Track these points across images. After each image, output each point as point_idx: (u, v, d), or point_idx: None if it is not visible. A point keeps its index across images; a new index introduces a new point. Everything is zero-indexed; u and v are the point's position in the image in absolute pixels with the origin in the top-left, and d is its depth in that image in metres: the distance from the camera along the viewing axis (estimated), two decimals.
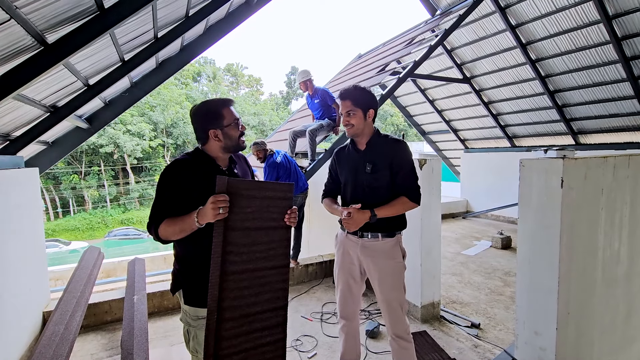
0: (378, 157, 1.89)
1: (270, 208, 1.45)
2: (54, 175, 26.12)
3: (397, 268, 1.92)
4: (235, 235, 1.37)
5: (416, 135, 27.20)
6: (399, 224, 1.94)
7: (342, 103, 1.88)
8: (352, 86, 1.91)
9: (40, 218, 3.25)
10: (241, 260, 1.39)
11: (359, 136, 1.93)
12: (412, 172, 1.89)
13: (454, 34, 7.43)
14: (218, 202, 1.29)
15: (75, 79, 2.93)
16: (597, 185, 2.04)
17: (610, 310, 2.20)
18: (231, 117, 1.48)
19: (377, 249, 1.90)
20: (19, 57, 2.06)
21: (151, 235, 1.42)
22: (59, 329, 2.44)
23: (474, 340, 2.88)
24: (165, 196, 1.41)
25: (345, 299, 2.03)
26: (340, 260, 2.05)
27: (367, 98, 1.88)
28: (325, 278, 4.25)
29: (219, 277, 1.33)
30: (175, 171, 1.43)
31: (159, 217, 1.40)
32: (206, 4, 3.37)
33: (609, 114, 6.73)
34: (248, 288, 1.40)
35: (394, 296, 1.91)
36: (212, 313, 1.32)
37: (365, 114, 1.87)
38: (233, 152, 1.56)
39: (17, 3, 1.65)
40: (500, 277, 4.48)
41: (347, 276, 2.02)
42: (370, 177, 1.88)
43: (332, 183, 2.13)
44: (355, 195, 1.93)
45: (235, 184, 1.36)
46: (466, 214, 9.04)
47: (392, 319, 1.93)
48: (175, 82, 32.13)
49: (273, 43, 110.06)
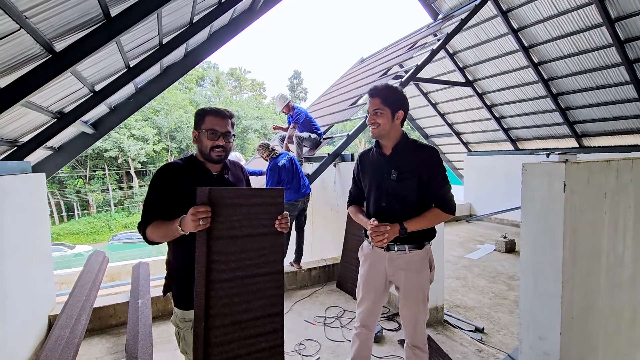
0: (405, 163, 1.76)
1: (259, 215, 1.44)
2: (59, 180, 26.33)
3: (424, 281, 1.84)
4: (222, 244, 1.37)
5: (419, 138, 27.22)
6: (427, 234, 1.84)
7: (371, 100, 1.77)
8: (384, 84, 1.80)
9: (46, 222, 3.29)
10: (229, 268, 1.39)
11: (385, 139, 1.80)
12: (445, 181, 1.77)
13: (456, 38, 7.44)
14: (198, 213, 1.29)
15: (81, 86, 2.98)
16: (601, 189, 2.04)
17: (615, 314, 2.19)
18: (209, 124, 1.48)
19: (405, 261, 1.81)
20: (28, 65, 2.11)
21: (140, 234, 1.46)
22: (65, 332, 2.46)
23: (477, 345, 2.87)
24: (154, 197, 1.45)
25: (369, 310, 1.96)
26: (367, 271, 1.95)
27: (398, 98, 1.77)
28: (329, 282, 4.25)
29: (205, 285, 1.34)
30: (165, 173, 1.47)
31: (147, 218, 1.44)
32: (210, 10, 3.42)
33: (613, 116, 6.71)
34: (238, 295, 1.41)
35: (418, 309, 1.84)
36: (199, 320, 1.33)
37: (393, 114, 1.75)
38: (207, 160, 1.53)
39: (27, 13, 1.69)
40: (504, 281, 4.46)
41: (374, 288, 1.93)
42: (396, 185, 1.76)
43: (356, 189, 2.02)
44: (379, 203, 1.82)
45: (217, 193, 1.35)
46: (469, 217, 9.00)
47: (415, 331, 1.86)
48: (179, 87, 32.37)
49: (276, 47, 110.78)
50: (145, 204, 1.47)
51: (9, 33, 1.72)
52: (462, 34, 7.34)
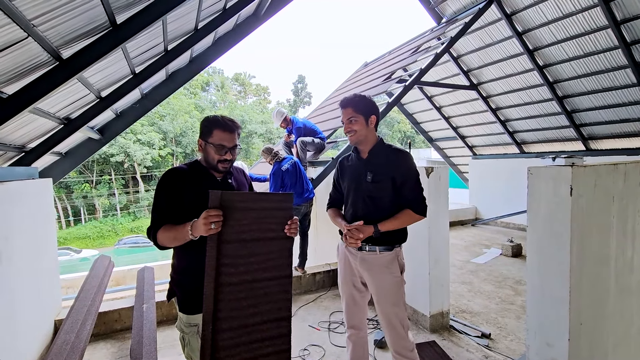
0: (380, 166, 1.86)
1: (267, 219, 1.45)
2: (66, 184, 26.62)
3: (395, 283, 1.87)
4: (231, 248, 1.37)
5: (423, 142, 27.08)
6: (398, 238, 1.90)
7: (343, 111, 1.88)
8: (352, 94, 1.90)
9: (53, 227, 3.32)
10: (237, 272, 1.39)
11: (362, 144, 1.90)
12: (417, 183, 1.86)
13: (460, 41, 7.44)
14: (210, 217, 1.29)
15: (88, 92, 3.01)
16: (608, 193, 2.01)
17: (624, 320, 2.15)
18: (217, 138, 1.49)
19: (375, 263, 1.87)
20: (36, 72, 2.14)
21: (150, 240, 1.47)
22: (70, 337, 2.47)
23: (484, 351, 2.83)
24: (162, 201, 1.46)
25: (350, 309, 2.02)
26: (342, 270, 2.04)
27: (368, 105, 1.87)
28: (333, 287, 4.23)
29: (214, 289, 1.34)
30: (170, 178, 1.48)
31: (157, 222, 1.45)
32: (215, 17, 3.46)
33: (620, 119, 6.63)
34: (246, 299, 1.41)
35: (393, 312, 1.87)
36: (207, 324, 1.33)
37: (367, 120, 1.85)
38: (212, 169, 1.56)
39: (34, 21, 1.72)
40: (511, 286, 4.40)
41: (350, 286, 2.00)
42: (371, 186, 1.85)
43: (336, 193, 2.11)
44: (356, 205, 1.90)
45: (229, 197, 1.36)
46: (475, 221, 8.93)
47: (392, 335, 1.88)
48: (184, 92, 32.66)
49: (280, 52, 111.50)
50: (153, 209, 1.48)
51: (17, 41, 1.75)
52: (466, 37, 7.34)
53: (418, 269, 3.18)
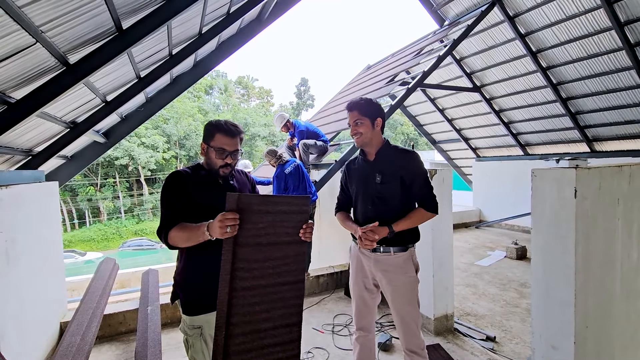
0: (388, 167, 1.88)
1: (284, 223, 1.42)
2: (71, 187, 26.82)
3: (410, 282, 1.89)
4: (246, 252, 1.35)
5: (427, 144, 27.01)
6: (412, 237, 1.92)
7: (350, 114, 1.91)
8: (359, 97, 1.93)
9: (59, 230, 3.35)
10: (252, 276, 1.37)
11: (368, 146, 1.93)
12: (426, 181, 1.88)
13: (463, 44, 7.44)
14: (226, 220, 1.27)
15: (94, 96, 3.05)
16: (613, 195, 2.00)
17: (631, 323, 2.13)
18: (219, 142, 1.51)
19: (390, 263, 1.89)
20: (43, 77, 2.17)
21: (161, 240, 1.47)
22: (75, 339, 2.48)
23: (489, 354, 2.82)
24: (171, 202, 1.47)
25: (360, 311, 2.02)
26: (354, 273, 2.04)
27: (374, 107, 1.90)
28: (337, 289, 4.23)
29: (228, 293, 1.31)
30: (174, 180, 1.50)
31: (170, 221, 1.45)
32: (219, 21, 3.49)
33: (625, 120, 6.59)
34: (260, 304, 1.39)
35: (407, 311, 1.89)
36: (220, 329, 1.31)
37: (373, 122, 1.87)
38: (214, 174, 1.57)
39: (43, 28, 1.75)
40: (516, 289, 4.38)
41: (361, 288, 2.01)
42: (380, 188, 1.87)
43: (344, 196, 2.12)
44: (365, 206, 1.92)
45: (246, 199, 1.34)
46: (479, 223, 8.88)
47: (406, 333, 1.90)
48: (188, 95, 32.85)
49: (283, 55, 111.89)
50: (164, 209, 1.48)
51: (26, 47, 1.78)
52: (469, 39, 7.33)
53: (422, 271, 3.14)
